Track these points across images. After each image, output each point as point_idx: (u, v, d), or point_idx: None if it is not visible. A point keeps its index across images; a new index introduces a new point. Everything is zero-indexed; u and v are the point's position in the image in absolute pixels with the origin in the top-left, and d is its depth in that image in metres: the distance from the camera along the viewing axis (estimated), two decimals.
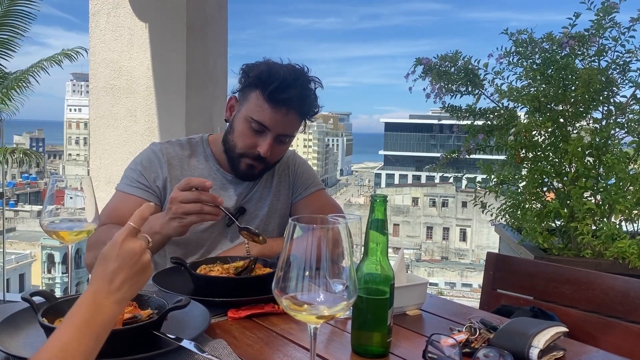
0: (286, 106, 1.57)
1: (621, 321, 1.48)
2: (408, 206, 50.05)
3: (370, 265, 1.09)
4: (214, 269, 1.42)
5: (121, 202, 1.64)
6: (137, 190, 1.65)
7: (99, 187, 3.17)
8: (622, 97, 2.83)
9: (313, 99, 1.64)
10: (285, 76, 1.56)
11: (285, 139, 1.65)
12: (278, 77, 1.56)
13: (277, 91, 1.55)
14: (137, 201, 1.62)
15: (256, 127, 1.60)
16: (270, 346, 1.14)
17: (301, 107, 1.61)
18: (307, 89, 1.62)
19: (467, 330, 1.16)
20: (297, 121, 1.64)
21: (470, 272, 41.52)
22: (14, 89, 8.73)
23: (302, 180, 1.84)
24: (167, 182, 1.67)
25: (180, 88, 3.25)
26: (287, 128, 1.62)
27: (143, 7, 3.30)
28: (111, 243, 0.91)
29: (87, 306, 0.85)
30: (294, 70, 1.60)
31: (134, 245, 0.90)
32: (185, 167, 1.72)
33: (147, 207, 0.96)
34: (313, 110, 1.66)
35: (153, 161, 1.69)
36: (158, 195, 1.67)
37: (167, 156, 1.70)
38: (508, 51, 2.91)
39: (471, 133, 3.13)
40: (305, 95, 1.60)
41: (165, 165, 1.68)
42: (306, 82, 1.62)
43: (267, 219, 1.77)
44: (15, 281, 28.71)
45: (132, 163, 1.72)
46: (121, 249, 0.89)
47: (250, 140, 1.62)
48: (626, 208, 2.63)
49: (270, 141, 1.60)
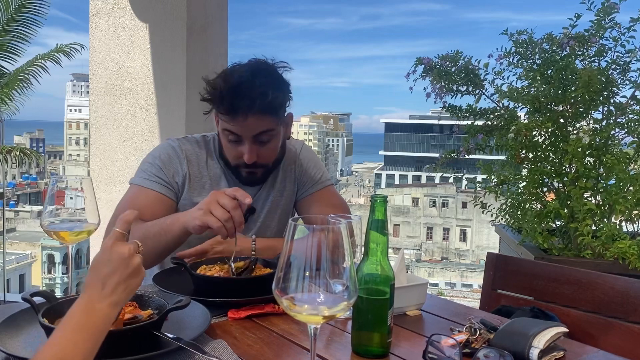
0: (241, 112, 1.53)
1: (621, 321, 1.48)
2: (408, 206, 50.05)
3: (370, 265, 1.09)
4: (214, 269, 1.42)
5: (138, 196, 1.61)
6: (155, 185, 1.63)
7: (99, 187, 3.17)
8: (622, 98, 2.84)
9: (272, 91, 1.54)
10: (224, 88, 1.53)
11: (264, 137, 1.59)
12: (218, 91, 1.54)
13: (224, 102, 1.54)
14: (155, 195, 1.62)
15: (232, 137, 1.60)
16: (271, 346, 1.14)
17: (254, 107, 1.52)
18: (257, 86, 1.52)
19: (467, 331, 1.16)
20: (263, 119, 1.56)
21: (471, 272, 41.50)
22: (14, 88, 8.73)
23: (308, 177, 1.82)
24: (186, 179, 1.67)
25: (180, 88, 3.25)
26: (256, 128, 1.56)
27: (143, 8, 3.30)
28: (101, 249, 0.93)
29: (81, 311, 0.87)
30: (241, 74, 1.55)
31: (123, 249, 0.92)
32: (202, 165, 1.71)
33: (131, 212, 0.97)
34: (277, 101, 1.57)
35: (172, 157, 1.68)
36: (176, 191, 1.66)
37: (186, 152, 1.69)
38: (508, 51, 2.91)
39: (471, 133, 3.14)
40: (256, 94, 1.52)
41: (185, 161, 1.68)
42: (256, 79, 1.53)
43: (268, 214, 1.76)
44: (15, 281, 28.72)
45: (149, 157, 1.70)
46: (111, 253, 0.91)
47: (234, 151, 1.62)
48: (626, 208, 2.64)
49: (249, 147, 1.58)
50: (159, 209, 1.58)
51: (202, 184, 1.69)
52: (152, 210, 1.57)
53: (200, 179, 1.70)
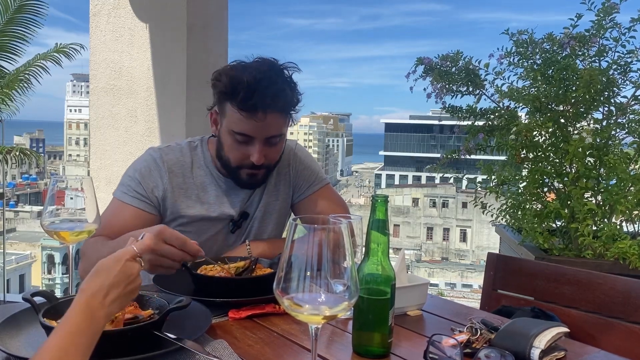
0: (262, 109, 1.49)
1: (622, 322, 1.48)
2: (408, 207, 50.05)
3: (371, 265, 1.08)
4: (214, 270, 1.42)
5: (117, 213, 1.59)
6: (134, 200, 1.59)
7: (99, 187, 3.15)
8: (622, 98, 2.84)
9: (289, 90, 1.54)
10: (249, 81, 1.48)
11: (275, 139, 1.58)
12: (242, 84, 1.48)
13: (247, 98, 1.48)
14: (133, 211, 1.58)
15: (241, 138, 1.54)
16: (271, 346, 1.14)
17: (277, 104, 1.51)
18: (278, 83, 1.51)
19: (468, 331, 1.15)
20: (279, 119, 1.55)
21: (471, 272, 41.50)
22: (14, 89, 8.73)
23: (304, 179, 1.78)
24: (167, 193, 1.61)
25: (180, 89, 3.24)
26: (272, 130, 1.55)
27: (143, 8, 3.30)
28: (115, 259, 0.96)
29: (82, 314, 0.88)
30: (260, 69, 1.51)
31: (133, 267, 0.96)
32: (188, 174, 1.65)
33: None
34: (293, 102, 1.56)
35: (152, 170, 1.62)
36: (156, 205, 1.61)
37: (168, 164, 1.63)
38: (509, 51, 2.91)
39: (471, 133, 3.13)
40: (277, 91, 1.50)
41: (167, 174, 1.61)
42: (276, 76, 1.52)
43: (263, 218, 1.73)
44: (15, 282, 28.73)
45: (130, 169, 1.65)
46: (123, 267, 0.95)
47: (240, 152, 1.57)
48: (627, 209, 2.64)
49: (260, 148, 1.54)
50: (138, 225, 1.53)
51: (188, 195, 1.64)
52: (132, 226, 1.52)
53: (185, 190, 1.64)
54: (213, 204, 1.66)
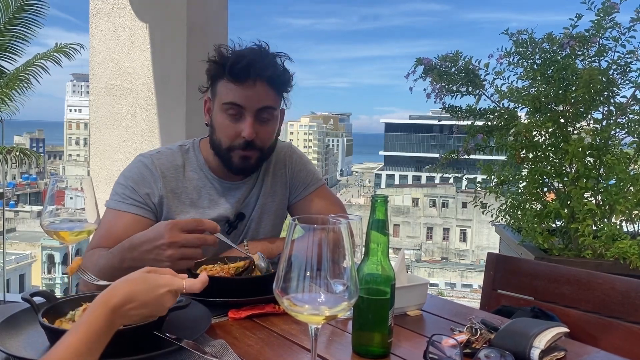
0: (252, 76, 1.51)
1: (622, 322, 1.48)
2: (408, 207, 50.06)
3: (371, 265, 1.08)
4: (214, 270, 1.42)
5: (115, 221, 1.56)
6: (130, 207, 1.56)
7: (99, 187, 3.16)
8: (622, 98, 2.84)
9: (280, 66, 1.57)
10: (239, 51, 1.55)
11: (266, 115, 1.57)
12: (233, 54, 1.54)
13: (237, 63, 1.51)
14: (131, 218, 1.55)
15: (232, 111, 1.54)
16: (271, 346, 1.14)
17: (266, 72, 1.52)
18: (269, 57, 1.56)
19: (468, 331, 1.15)
20: (270, 90, 1.55)
21: (471, 272, 41.52)
22: (14, 88, 8.73)
23: (300, 180, 1.78)
24: (162, 199, 1.59)
25: (180, 88, 3.24)
26: (262, 99, 1.54)
27: (143, 8, 3.30)
28: (158, 282, 0.95)
29: (105, 319, 0.87)
30: (253, 47, 1.58)
31: (168, 301, 0.96)
32: (181, 178, 1.63)
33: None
34: (284, 77, 1.58)
35: (145, 176, 1.59)
36: (153, 210, 1.59)
37: (161, 168, 1.61)
38: (508, 51, 2.91)
39: (471, 133, 3.14)
40: (267, 62, 1.54)
41: (160, 180, 1.59)
42: (266, 51, 1.57)
43: (259, 219, 1.72)
44: (15, 282, 28.71)
45: (121, 178, 1.62)
46: (162, 296, 0.94)
47: (232, 128, 1.56)
48: (627, 208, 2.64)
49: (251, 121, 1.54)
50: (137, 232, 1.48)
51: (182, 200, 1.63)
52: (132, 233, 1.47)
53: (179, 194, 1.62)
54: (207, 208, 1.65)
